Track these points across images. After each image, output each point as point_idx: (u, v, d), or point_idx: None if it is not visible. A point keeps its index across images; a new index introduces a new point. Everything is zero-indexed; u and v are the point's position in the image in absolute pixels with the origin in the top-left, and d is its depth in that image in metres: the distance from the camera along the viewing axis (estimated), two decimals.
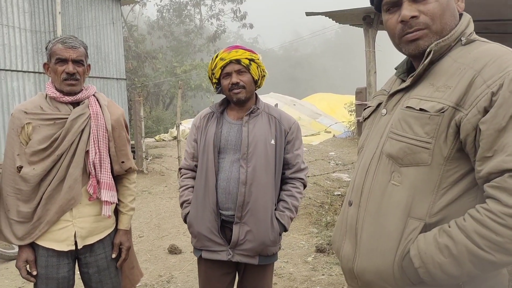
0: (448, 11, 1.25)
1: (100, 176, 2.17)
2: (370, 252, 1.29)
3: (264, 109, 2.29)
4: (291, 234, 5.42)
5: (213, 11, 24.84)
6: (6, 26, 7.39)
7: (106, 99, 2.32)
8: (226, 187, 2.18)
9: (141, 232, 5.72)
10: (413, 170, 1.22)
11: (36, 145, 2.08)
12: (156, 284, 4.08)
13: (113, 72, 9.53)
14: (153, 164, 9.81)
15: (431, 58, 1.23)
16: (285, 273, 4.18)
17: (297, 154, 2.30)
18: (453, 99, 1.15)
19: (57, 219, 2.11)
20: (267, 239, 2.17)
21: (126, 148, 2.31)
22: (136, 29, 21.29)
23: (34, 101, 2.20)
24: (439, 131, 1.17)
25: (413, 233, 1.20)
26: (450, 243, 1.11)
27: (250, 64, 2.20)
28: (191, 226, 2.26)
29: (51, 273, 2.15)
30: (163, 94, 22.56)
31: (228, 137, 2.22)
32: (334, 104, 18.92)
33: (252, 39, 45.64)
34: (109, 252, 2.28)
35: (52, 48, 2.11)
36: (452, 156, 1.16)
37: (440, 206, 1.18)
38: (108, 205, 2.19)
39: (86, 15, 8.94)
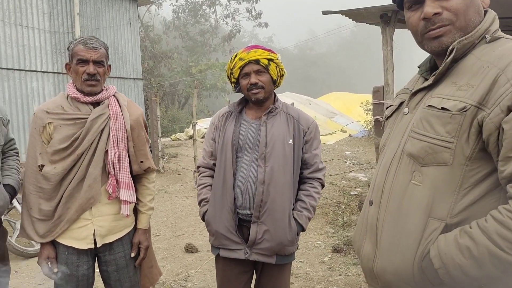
0: (472, 7, 1.23)
1: (119, 176, 2.19)
2: (390, 252, 1.28)
3: (282, 109, 2.29)
4: (307, 234, 5.40)
5: (228, 10, 24.90)
6: (25, 27, 7.51)
7: (126, 99, 2.34)
8: (244, 187, 2.18)
9: (158, 231, 5.76)
10: (434, 169, 1.20)
11: (57, 144, 2.11)
12: (173, 282, 4.11)
13: (130, 72, 9.62)
14: (169, 163, 9.87)
15: (454, 56, 1.21)
16: (302, 273, 4.17)
17: (315, 154, 2.29)
18: (476, 98, 1.13)
19: (77, 217, 2.14)
20: (285, 238, 2.17)
21: (145, 148, 2.33)
22: (152, 29, 21.46)
23: (55, 101, 2.23)
24: (461, 131, 1.15)
25: (433, 233, 1.18)
26: (471, 244, 1.09)
27: (269, 64, 2.19)
28: (209, 225, 2.27)
29: (71, 271, 2.18)
30: (178, 94, 22.70)
31: (246, 136, 2.22)
32: (350, 103, 18.80)
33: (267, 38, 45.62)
34: (127, 250, 2.30)
35: (74, 48, 2.14)
36: (475, 156, 1.14)
37: (462, 206, 1.16)
38: (126, 204, 2.21)
39: (103, 16, 9.05)
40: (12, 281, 4.25)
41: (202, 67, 20.26)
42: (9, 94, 7.28)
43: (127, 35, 9.59)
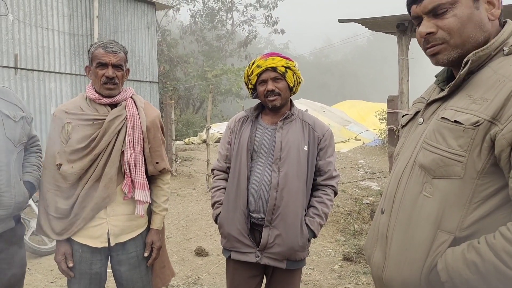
0: (470, 23, 1.21)
1: (135, 176, 2.22)
2: (398, 262, 1.29)
3: (298, 115, 2.31)
4: (318, 241, 5.38)
5: (245, 16, 25.04)
6: (46, 29, 7.66)
7: (143, 101, 2.38)
8: (257, 191, 2.20)
9: (169, 233, 5.80)
10: (445, 182, 1.20)
11: (75, 144, 2.15)
12: (183, 285, 4.13)
13: (146, 76, 9.73)
14: (182, 166, 9.93)
15: (469, 67, 1.20)
16: (311, 280, 4.16)
17: (329, 161, 2.31)
18: (490, 112, 1.12)
19: (92, 216, 2.17)
20: (296, 244, 2.18)
21: (161, 149, 2.37)
22: (169, 33, 21.67)
23: (75, 101, 2.28)
24: (473, 145, 1.14)
25: (442, 246, 1.18)
26: (478, 260, 1.09)
27: (286, 72, 2.22)
28: (222, 227, 2.29)
29: (84, 269, 2.21)
30: (193, 98, 22.85)
31: (261, 141, 2.25)
32: (364, 111, 18.71)
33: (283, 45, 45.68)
34: (140, 251, 2.33)
35: (94, 52, 2.19)
36: (486, 171, 1.13)
37: (471, 220, 1.15)
38: (141, 204, 2.25)
39: (122, 19, 9.18)
40: (25, 279, 4.32)
41: (217, 72, 20.39)
42: (28, 94, 7.42)
43: (145, 39, 9.71)
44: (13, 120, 2.21)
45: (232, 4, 24.69)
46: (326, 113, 17.78)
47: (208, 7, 23.84)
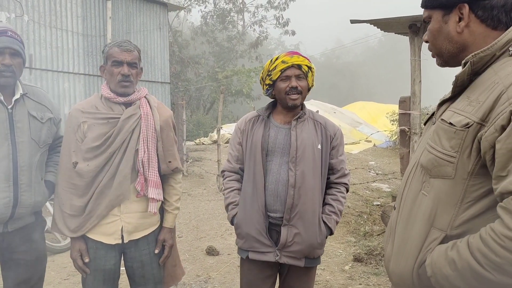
0: (439, 37, 1.32)
1: (148, 174, 2.26)
2: (398, 255, 1.35)
3: (309, 115, 2.33)
4: (328, 242, 5.38)
5: (256, 17, 25.08)
6: (60, 29, 7.76)
7: (156, 101, 2.42)
8: (274, 189, 2.22)
9: (180, 233, 5.84)
10: (439, 182, 1.24)
11: (90, 142, 2.19)
12: (194, 283, 4.16)
13: (158, 76, 9.80)
14: (193, 166, 9.98)
15: (473, 69, 1.23)
16: (322, 281, 4.16)
17: (341, 160, 2.35)
18: (479, 114, 1.15)
19: (106, 213, 2.21)
20: (315, 241, 2.21)
21: (173, 149, 2.40)
22: (181, 34, 21.78)
23: (90, 101, 2.32)
24: (464, 146, 1.17)
25: (433, 243, 1.23)
26: (456, 257, 1.13)
27: (308, 72, 2.25)
28: (239, 227, 2.30)
29: (98, 265, 2.25)
30: (204, 99, 22.93)
31: (276, 140, 2.26)
32: (375, 113, 18.63)
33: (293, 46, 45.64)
34: (152, 248, 2.36)
35: (109, 51, 2.23)
36: (476, 172, 1.16)
37: (462, 219, 1.19)
38: (154, 202, 2.28)
39: (134, 20, 9.26)
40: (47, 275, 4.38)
41: (228, 73, 20.43)
42: None
43: (157, 40, 9.79)
44: (40, 122, 2.27)
45: (243, 5, 24.74)
46: (336, 114, 17.73)
47: (219, 8, 23.91)
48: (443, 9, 1.29)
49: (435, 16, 1.32)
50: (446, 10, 1.29)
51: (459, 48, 1.29)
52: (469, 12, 1.25)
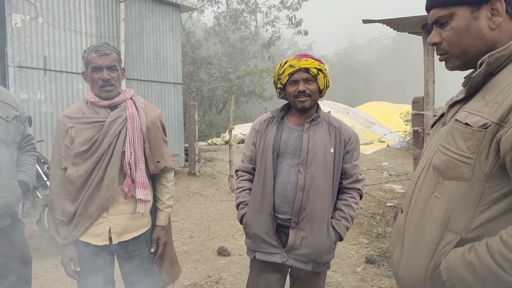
0: (467, 35, 1.24)
1: (135, 176, 2.27)
2: (409, 259, 1.32)
3: (324, 118, 2.31)
4: (340, 244, 5.34)
5: (268, 18, 25.05)
6: (74, 31, 7.84)
7: (142, 102, 2.43)
8: (283, 191, 2.21)
9: (192, 233, 5.86)
10: (454, 183, 1.21)
11: (78, 147, 2.21)
12: (205, 284, 4.17)
13: (170, 77, 9.84)
14: (205, 167, 10.01)
15: (488, 69, 1.20)
16: (333, 282, 4.14)
17: (355, 165, 2.30)
18: (498, 115, 1.12)
19: (97, 216, 2.23)
20: (322, 246, 2.18)
21: (162, 148, 2.40)
22: (193, 35, 21.87)
23: (77, 106, 2.35)
24: (481, 147, 1.14)
25: (448, 246, 1.20)
26: (475, 261, 1.10)
27: (318, 74, 2.22)
28: (247, 227, 2.31)
29: (89, 265, 2.27)
30: (216, 99, 22.98)
31: (287, 141, 2.25)
32: (388, 113, 18.48)
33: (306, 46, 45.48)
34: (143, 249, 2.37)
35: (87, 57, 2.24)
36: (494, 174, 1.13)
37: (479, 222, 1.15)
38: (142, 203, 2.29)
39: (147, 21, 9.31)
40: (51, 275, 4.43)
41: (240, 73, 20.45)
42: (56, 95, 7.61)
43: (169, 41, 9.83)
44: (6, 120, 2.24)
45: (256, 5, 24.74)
46: (349, 114, 17.63)
47: (232, 9, 23.94)
48: (470, 5, 1.22)
49: (461, 13, 1.24)
50: (475, 6, 1.22)
51: (489, 46, 1.23)
52: None
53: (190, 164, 9.45)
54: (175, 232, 6.03)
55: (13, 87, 6.95)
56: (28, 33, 7.16)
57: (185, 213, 6.90)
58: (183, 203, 7.56)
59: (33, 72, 7.24)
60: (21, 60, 7.05)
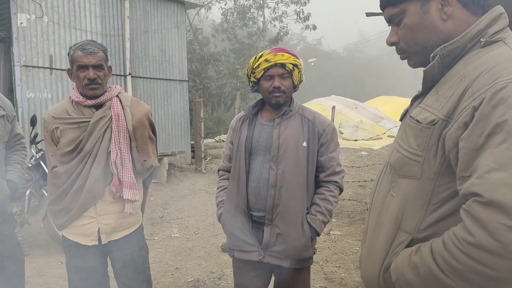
0: (421, 30, 1.19)
1: (122, 176, 2.24)
2: (366, 259, 1.29)
3: (298, 111, 2.25)
4: (345, 239, 5.32)
5: (276, 13, 24.93)
6: (79, 29, 7.88)
7: (129, 99, 2.38)
8: (256, 188, 2.18)
9: (197, 229, 5.87)
10: (406, 182, 1.17)
11: (63, 147, 2.21)
12: (208, 280, 4.17)
13: (176, 74, 9.85)
14: (211, 164, 10.01)
15: (443, 62, 1.14)
16: (336, 278, 4.11)
17: (331, 157, 2.24)
18: (445, 110, 1.07)
19: (79, 214, 2.23)
20: (298, 243, 2.14)
21: (148, 147, 2.37)
22: (201, 32, 21.87)
23: (62, 105, 2.32)
24: (429, 144, 1.10)
25: (400, 246, 1.16)
26: (419, 263, 1.05)
27: (293, 69, 2.17)
28: (224, 226, 2.29)
29: (78, 263, 2.29)
30: (225, 96, 22.98)
31: (259, 138, 2.21)
32: (399, 107, 18.30)
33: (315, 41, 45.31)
34: (134, 248, 2.37)
35: (73, 55, 2.19)
36: (443, 172, 1.08)
37: (429, 222, 1.11)
38: (129, 203, 2.28)
39: (152, 19, 9.32)
40: (57, 272, 4.47)
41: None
42: (63, 93, 7.65)
43: (174, 38, 9.83)
44: None
45: (263, 1, 24.64)
46: (358, 109, 17.51)
47: (239, 5, 23.86)
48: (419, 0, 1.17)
49: (411, 8, 1.19)
50: (424, 0, 1.17)
51: (445, 38, 1.16)
52: None
53: (196, 161, 9.46)
54: (181, 229, 6.05)
55: (20, 86, 7.01)
56: (34, 32, 7.21)
57: (190, 210, 6.91)
58: (189, 200, 7.57)
59: (39, 71, 7.30)
60: (27, 59, 7.10)
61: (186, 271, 4.47)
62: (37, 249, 5.25)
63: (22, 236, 5.58)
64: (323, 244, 5.19)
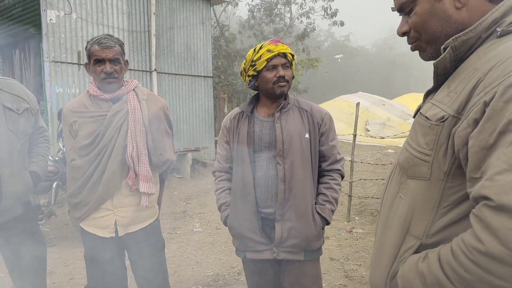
0: (433, 19, 1.11)
1: (138, 169, 2.26)
2: (374, 264, 1.23)
3: (294, 104, 2.24)
4: (367, 238, 5.24)
5: (303, 9, 24.75)
6: (106, 26, 8.02)
7: (145, 93, 2.39)
8: (265, 185, 2.15)
9: (218, 225, 5.90)
10: (414, 183, 1.09)
11: (81, 140, 2.24)
12: (227, 274, 4.19)
13: (201, 70, 9.90)
14: None
15: (457, 54, 1.06)
16: (357, 276, 4.06)
17: (332, 145, 2.24)
18: (455, 106, 0.99)
19: (97, 206, 2.27)
20: (310, 234, 2.14)
21: (164, 141, 2.38)
22: (228, 28, 21.93)
23: (80, 99, 2.35)
24: (439, 143, 1.01)
25: (408, 252, 1.08)
26: (426, 271, 0.98)
27: (292, 60, 2.18)
28: (232, 229, 2.25)
29: (95, 255, 2.33)
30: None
31: (261, 135, 2.19)
32: None
33: (343, 37, 44.75)
34: (151, 240, 2.39)
35: (90, 49, 2.21)
36: (454, 172, 1.00)
37: (439, 226, 1.03)
38: (146, 196, 2.29)
39: (178, 15, 9.40)
40: (81, 263, 4.56)
41: None
42: None
43: (200, 34, 9.88)
44: (16, 113, 2.30)
45: None
46: (386, 106, 17.23)
47: (266, 1, 23.82)
48: None
49: None
50: None
51: (459, 28, 1.08)
52: None
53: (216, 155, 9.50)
54: (202, 224, 6.10)
55: (49, 82, 7.19)
56: (63, 28, 7.38)
57: (213, 205, 6.95)
58: (211, 195, 7.61)
59: (67, 66, 7.47)
60: (56, 55, 7.28)
61: (206, 265, 4.50)
62: (62, 240, 5.39)
63: (48, 228, 5.74)
64: (345, 242, 5.13)
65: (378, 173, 8.57)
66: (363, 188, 7.72)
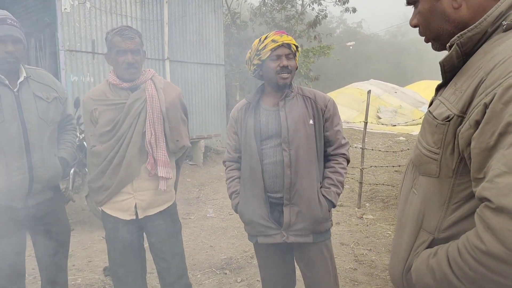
0: (433, 18, 1.14)
1: (156, 154, 2.38)
2: (393, 257, 1.27)
3: (298, 92, 2.31)
4: (377, 223, 5.31)
5: None
6: (119, 15, 8.09)
7: (162, 82, 2.50)
8: (272, 171, 2.23)
9: (231, 210, 6.00)
10: (426, 180, 1.12)
11: (101, 127, 2.35)
12: (240, 258, 4.30)
13: (213, 58, 9.95)
14: None
15: (464, 50, 1.06)
16: (367, 260, 4.14)
17: (337, 130, 2.32)
18: (460, 106, 1.00)
19: (118, 190, 2.38)
20: (318, 216, 2.23)
21: (180, 127, 2.48)
22: (239, 16, 21.84)
23: (99, 88, 2.46)
24: (446, 142, 1.03)
25: (421, 246, 1.12)
26: (435, 267, 1.01)
27: (296, 51, 2.25)
28: (243, 215, 2.35)
29: (115, 235, 2.44)
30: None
31: (267, 124, 2.27)
32: None
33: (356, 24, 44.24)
34: (169, 223, 2.50)
35: (112, 40, 2.31)
36: (461, 170, 1.02)
37: (450, 222, 1.06)
38: (164, 180, 2.41)
39: (190, 3, 9.42)
40: (98, 246, 4.73)
41: None
42: (105, 77, 7.90)
43: (212, 22, 9.91)
44: (46, 101, 2.40)
45: None
46: (398, 94, 17.13)
47: None
48: None
49: None
50: None
51: (459, 26, 1.09)
52: None
53: None
54: (216, 209, 6.22)
55: (64, 70, 7.31)
56: (77, 17, 7.47)
57: (225, 191, 7.03)
58: (224, 182, 7.70)
59: (82, 55, 7.57)
60: (70, 44, 7.39)
61: (219, 249, 4.62)
62: (81, 224, 5.55)
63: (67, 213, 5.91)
64: (355, 227, 5.21)
65: (389, 160, 8.60)
66: (374, 175, 7.76)
